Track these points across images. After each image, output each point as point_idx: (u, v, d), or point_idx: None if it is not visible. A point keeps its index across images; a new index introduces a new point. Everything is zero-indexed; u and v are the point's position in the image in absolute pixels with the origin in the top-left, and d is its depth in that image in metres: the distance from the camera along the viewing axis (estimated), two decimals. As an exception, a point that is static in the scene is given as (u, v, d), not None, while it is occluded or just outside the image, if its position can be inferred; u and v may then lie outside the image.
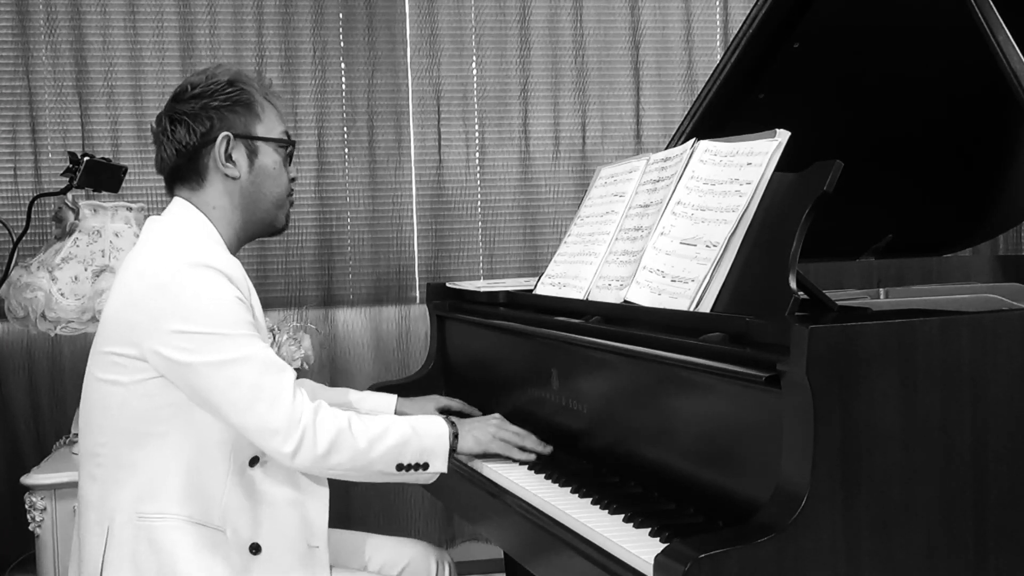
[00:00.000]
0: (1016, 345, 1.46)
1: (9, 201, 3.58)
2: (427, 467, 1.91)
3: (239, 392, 1.78)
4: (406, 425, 1.90)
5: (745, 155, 1.80)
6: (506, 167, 3.91)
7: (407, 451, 1.88)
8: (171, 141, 1.93)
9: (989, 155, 2.52)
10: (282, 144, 1.99)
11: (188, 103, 1.92)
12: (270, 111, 1.98)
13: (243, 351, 1.79)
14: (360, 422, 1.86)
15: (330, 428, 1.81)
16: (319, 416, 1.81)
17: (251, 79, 1.99)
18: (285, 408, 1.78)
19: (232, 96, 1.93)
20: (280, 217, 2.01)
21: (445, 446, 1.92)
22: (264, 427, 1.78)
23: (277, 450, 1.79)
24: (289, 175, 2.01)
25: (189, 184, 1.95)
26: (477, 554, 3.77)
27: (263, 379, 1.79)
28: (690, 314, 1.71)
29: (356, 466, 1.85)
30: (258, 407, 1.78)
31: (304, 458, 1.80)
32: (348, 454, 1.83)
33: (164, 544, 1.81)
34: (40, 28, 3.59)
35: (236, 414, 1.79)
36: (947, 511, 1.42)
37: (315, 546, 1.92)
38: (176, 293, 1.80)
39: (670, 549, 1.36)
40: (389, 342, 3.84)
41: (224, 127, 1.92)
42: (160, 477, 1.82)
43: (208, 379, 1.78)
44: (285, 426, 1.78)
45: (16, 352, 3.59)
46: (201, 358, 1.78)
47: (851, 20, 2.26)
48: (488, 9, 3.88)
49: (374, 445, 1.85)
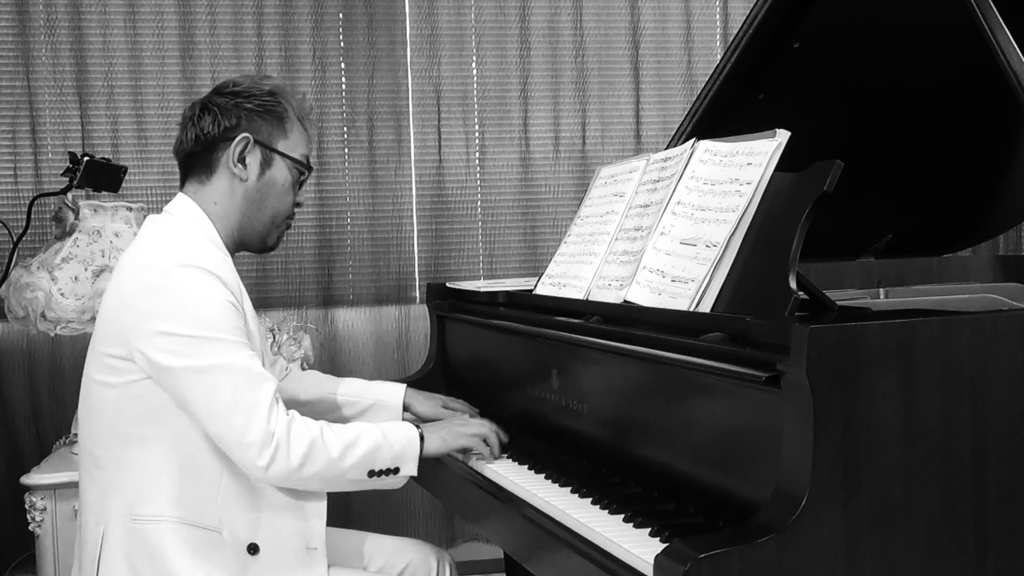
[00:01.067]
0: (1016, 345, 1.46)
1: (9, 201, 3.58)
2: (398, 471, 1.90)
3: (217, 402, 1.76)
4: (376, 431, 1.89)
5: (745, 155, 1.80)
6: (506, 167, 3.91)
7: (379, 457, 1.87)
8: (195, 127, 1.93)
9: (989, 155, 2.52)
10: (298, 166, 1.98)
11: (224, 96, 1.94)
12: (298, 132, 1.98)
13: (225, 358, 1.77)
14: (332, 431, 1.84)
15: (304, 440, 1.79)
16: (292, 428, 1.79)
17: (293, 97, 1.99)
18: (261, 422, 1.76)
19: (267, 104, 1.94)
20: (272, 236, 2.00)
21: (415, 450, 1.92)
22: (239, 440, 1.76)
23: (252, 463, 1.77)
24: (296, 199, 2.00)
25: (198, 175, 1.95)
26: (477, 554, 3.77)
27: (242, 390, 1.77)
28: (690, 314, 1.71)
29: (329, 476, 1.83)
30: (235, 419, 1.76)
31: (277, 471, 1.78)
32: (321, 464, 1.81)
33: (158, 547, 1.81)
34: (40, 28, 3.59)
35: (212, 423, 1.77)
36: (947, 511, 1.42)
37: (313, 548, 1.91)
38: (165, 293, 1.79)
39: (670, 549, 1.36)
40: (389, 342, 3.84)
41: (248, 129, 1.92)
42: (153, 479, 1.82)
43: (187, 385, 1.77)
44: (260, 440, 1.76)
45: (16, 352, 3.59)
46: (182, 362, 1.76)
47: (851, 20, 2.26)
48: (488, 9, 3.88)
49: (347, 453, 1.83)
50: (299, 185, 2.00)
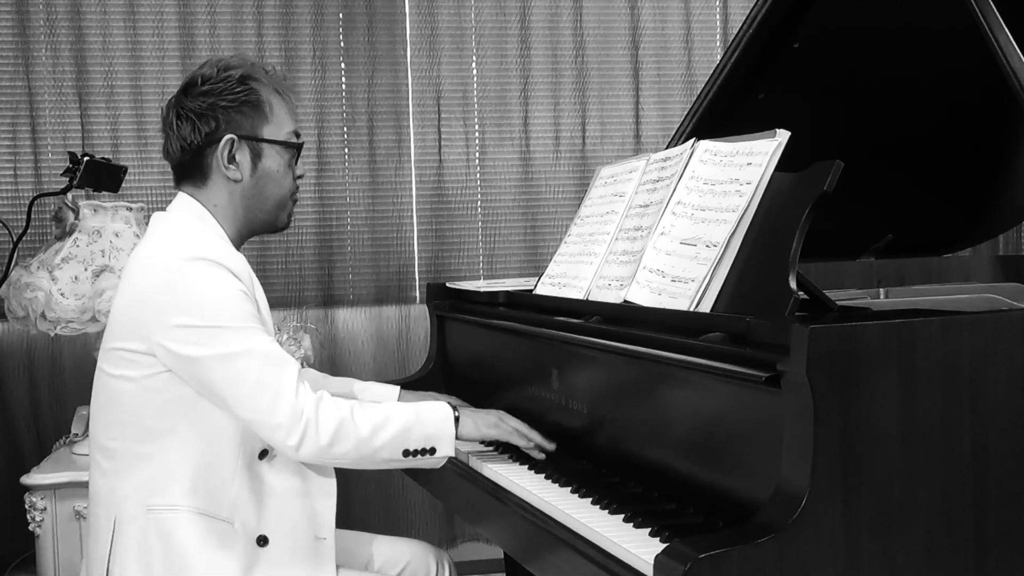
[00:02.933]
0: (1016, 345, 1.46)
1: (9, 201, 3.58)
2: (434, 451, 1.91)
3: (242, 386, 1.79)
4: (409, 411, 1.90)
5: (745, 155, 1.80)
6: (506, 167, 3.91)
7: (412, 437, 1.89)
8: (177, 136, 1.93)
9: (989, 155, 2.52)
10: (288, 146, 1.98)
11: (197, 99, 1.92)
12: (279, 109, 1.96)
13: (246, 344, 1.80)
14: (362, 411, 1.86)
15: (333, 418, 1.82)
16: (321, 407, 1.82)
17: (263, 75, 1.96)
18: (288, 402, 1.79)
19: (241, 96, 1.92)
20: (282, 217, 2.02)
21: (450, 430, 1.92)
22: (267, 421, 1.79)
23: (282, 443, 1.80)
24: (296, 173, 2.00)
25: (193, 181, 1.95)
26: (477, 554, 3.77)
27: (266, 373, 1.80)
28: (690, 314, 1.71)
29: (361, 455, 1.85)
30: (261, 402, 1.79)
31: (308, 450, 1.80)
32: (352, 443, 1.83)
33: (173, 536, 1.82)
34: (40, 28, 3.59)
35: (240, 408, 1.80)
36: (947, 511, 1.42)
37: (322, 538, 1.92)
38: (180, 288, 1.81)
39: (670, 549, 1.36)
40: (389, 342, 3.84)
41: (230, 129, 1.91)
42: (170, 470, 1.83)
43: (212, 373, 1.79)
44: (288, 420, 1.79)
45: (16, 352, 3.59)
46: (205, 351, 1.79)
47: (851, 20, 2.27)
48: (488, 9, 3.88)
49: (377, 433, 1.85)
50: (295, 160, 2.00)
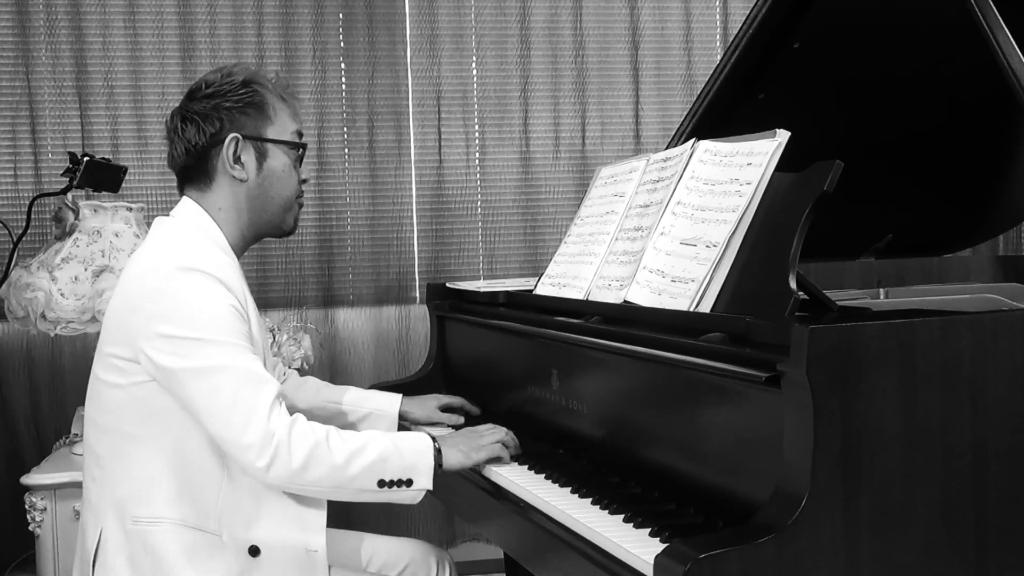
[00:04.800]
0: (1016, 345, 1.46)
1: (9, 201, 3.58)
2: (411, 483, 1.86)
3: (217, 402, 1.76)
4: (387, 440, 1.86)
5: (745, 155, 1.80)
6: (506, 167, 3.91)
7: (388, 467, 1.84)
8: (181, 140, 1.93)
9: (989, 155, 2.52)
10: (292, 146, 1.98)
11: (201, 102, 1.93)
12: (283, 112, 1.97)
13: (226, 360, 1.77)
14: (338, 437, 1.82)
15: (306, 442, 1.77)
16: (295, 430, 1.77)
17: (267, 79, 1.98)
18: (260, 422, 1.75)
19: (244, 97, 1.93)
20: (288, 220, 2.01)
21: (429, 462, 1.87)
22: (238, 440, 1.75)
23: (251, 464, 1.76)
24: (300, 176, 2.01)
25: (197, 184, 1.95)
26: (477, 554, 3.77)
27: (243, 391, 1.76)
28: (690, 314, 1.71)
29: (335, 482, 1.81)
30: (234, 419, 1.75)
31: (278, 472, 1.76)
32: (325, 469, 1.79)
33: (158, 549, 1.81)
34: (40, 28, 3.59)
35: (212, 424, 1.77)
36: (947, 511, 1.42)
37: (313, 551, 1.89)
38: (169, 296, 1.80)
39: (670, 549, 1.36)
40: (389, 342, 3.84)
41: (234, 128, 1.92)
42: (152, 481, 1.82)
43: (188, 386, 1.77)
44: (259, 441, 1.75)
45: (16, 352, 3.59)
46: (183, 363, 1.76)
47: (851, 20, 2.26)
48: (488, 9, 3.88)
49: (352, 460, 1.81)
50: (299, 162, 2.00)
